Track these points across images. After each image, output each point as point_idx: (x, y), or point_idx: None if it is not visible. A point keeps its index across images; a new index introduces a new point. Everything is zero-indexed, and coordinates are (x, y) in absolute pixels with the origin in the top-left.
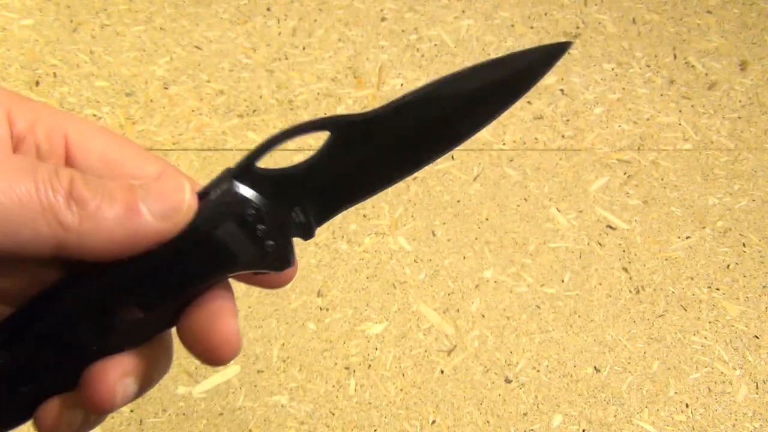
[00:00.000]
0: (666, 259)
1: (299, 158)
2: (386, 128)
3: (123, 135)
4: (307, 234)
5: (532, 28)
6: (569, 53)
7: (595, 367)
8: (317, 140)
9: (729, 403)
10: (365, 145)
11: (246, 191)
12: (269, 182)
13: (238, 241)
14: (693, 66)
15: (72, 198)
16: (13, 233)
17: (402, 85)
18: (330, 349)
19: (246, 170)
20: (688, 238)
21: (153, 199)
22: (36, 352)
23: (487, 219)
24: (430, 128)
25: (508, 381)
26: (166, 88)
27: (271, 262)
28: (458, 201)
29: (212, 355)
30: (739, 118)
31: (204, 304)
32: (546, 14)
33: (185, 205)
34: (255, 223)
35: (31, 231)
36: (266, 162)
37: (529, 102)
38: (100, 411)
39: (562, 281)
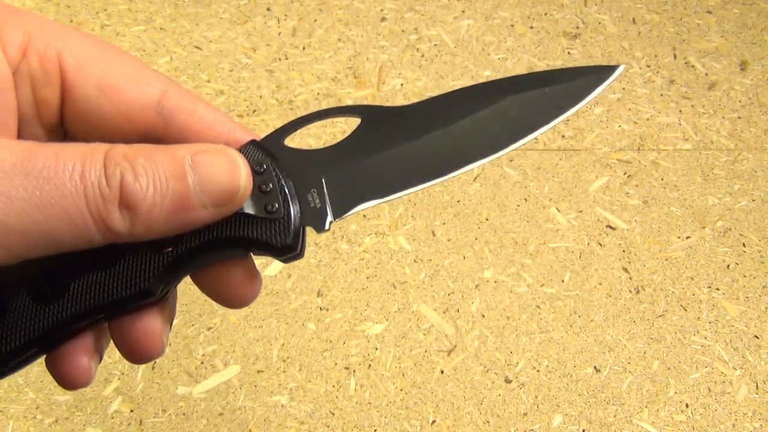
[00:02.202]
0: (666, 259)
1: None
2: (417, 121)
3: (120, 49)
4: (320, 222)
5: (531, 28)
6: (569, 53)
7: (595, 367)
8: (317, 139)
9: (729, 403)
10: (394, 133)
11: (264, 152)
12: (293, 157)
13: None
14: (693, 66)
15: (123, 205)
16: (60, 243)
17: (402, 85)
18: (330, 349)
19: (273, 143)
20: (688, 238)
21: (206, 190)
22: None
23: (487, 219)
24: (461, 130)
25: (508, 381)
26: None
27: (274, 235)
28: (458, 201)
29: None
30: (739, 118)
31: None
32: (546, 14)
33: (239, 195)
34: (264, 180)
35: (82, 240)
36: None
37: None
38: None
39: (562, 281)
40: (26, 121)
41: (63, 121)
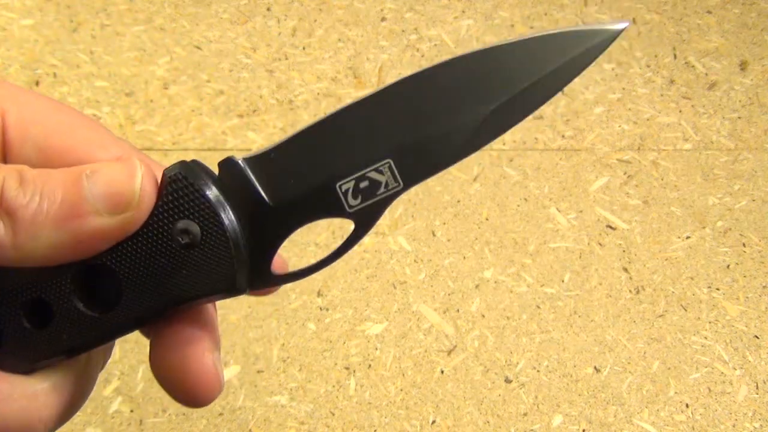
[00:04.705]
0: (666, 259)
1: None
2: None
3: (85, 116)
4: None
5: (531, 28)
6: None
7: (595, 367)
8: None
9: (729, 403)
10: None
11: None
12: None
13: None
14: (693, 66)
15: (2, 208)
16: None
17: None
18: (330, 349)
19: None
20: (688, 238)
21: (98, 193)
22: None
23: (487, 219)
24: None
25: (508, 381)
26: (166, 88)
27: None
28: (458, 201)
29: (187, 398)
30: (739, 118)
31: (173, 335)
32: (546, 14)
33: (135, 196)
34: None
35: None
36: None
37: None
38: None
39: (562, 281)
40: None
41: None
